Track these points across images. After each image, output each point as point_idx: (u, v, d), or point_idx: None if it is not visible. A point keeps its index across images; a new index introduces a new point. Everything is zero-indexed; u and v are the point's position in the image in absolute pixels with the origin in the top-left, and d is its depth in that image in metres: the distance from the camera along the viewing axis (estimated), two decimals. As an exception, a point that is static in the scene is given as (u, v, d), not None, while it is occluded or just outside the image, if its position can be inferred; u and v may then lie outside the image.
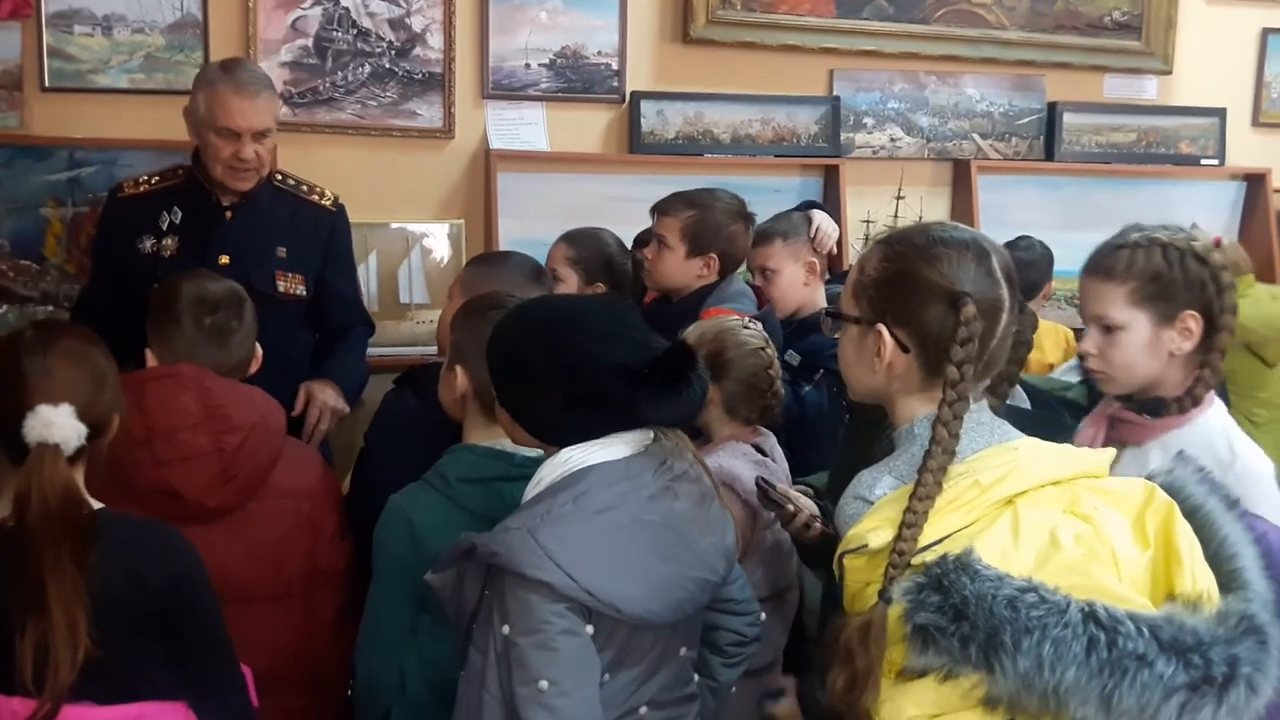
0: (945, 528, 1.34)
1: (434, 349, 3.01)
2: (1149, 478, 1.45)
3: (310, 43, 3.72)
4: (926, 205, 4.40)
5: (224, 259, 3.03)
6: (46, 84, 3.51)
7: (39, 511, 1.66)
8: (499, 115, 3.93)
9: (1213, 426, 1.94)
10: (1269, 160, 4.85)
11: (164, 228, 3.03)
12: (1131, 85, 4.70)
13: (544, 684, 1.63)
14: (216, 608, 1.86)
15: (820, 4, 4.20)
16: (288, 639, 2.23)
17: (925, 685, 1.27)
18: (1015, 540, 1.30)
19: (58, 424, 1.69)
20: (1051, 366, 3.77)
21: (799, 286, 3.21)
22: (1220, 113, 4.79)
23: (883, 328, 1.48)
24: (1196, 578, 1.30)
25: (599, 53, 4.03)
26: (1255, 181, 4.83)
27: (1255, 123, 4.94)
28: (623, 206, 3.89)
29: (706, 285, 3.03)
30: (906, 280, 1.47)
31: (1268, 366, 3.80)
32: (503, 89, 3.93)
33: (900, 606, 1.29)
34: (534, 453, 2.11)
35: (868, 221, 4.29)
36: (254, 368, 2.41)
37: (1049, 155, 4.57)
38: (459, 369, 2.12)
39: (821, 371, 2.92)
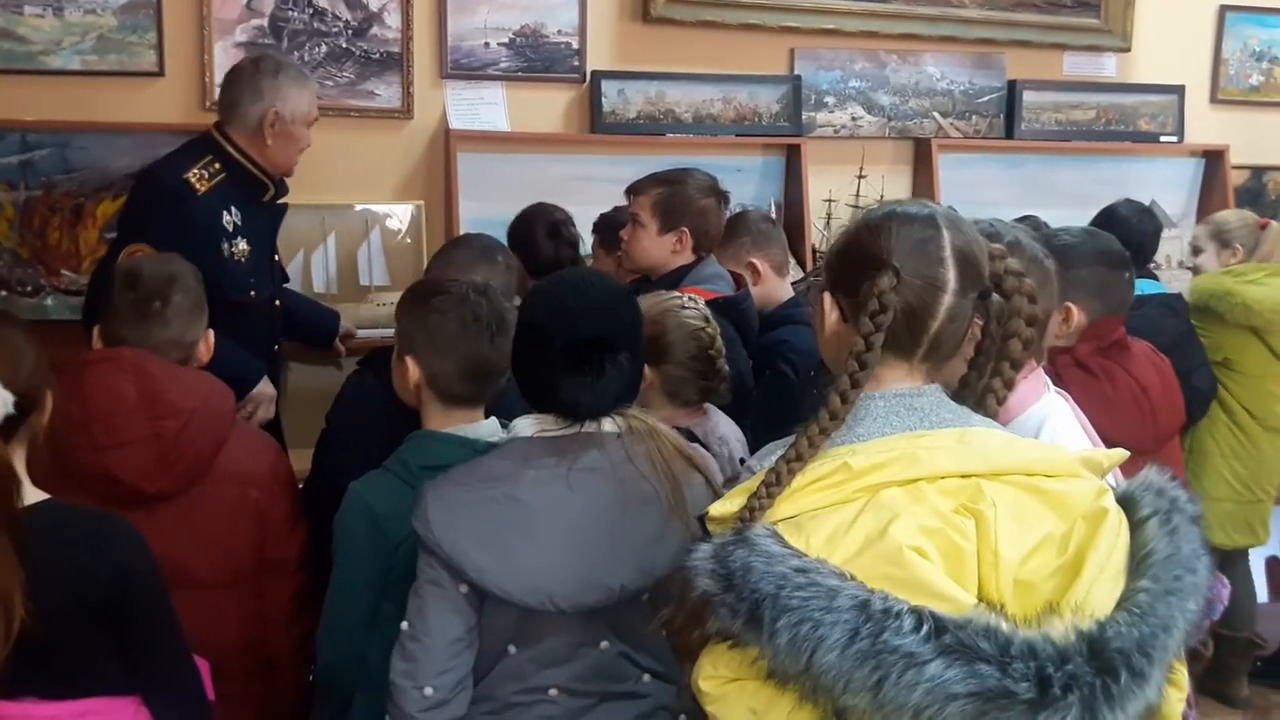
0: (802, 505, 1.31)
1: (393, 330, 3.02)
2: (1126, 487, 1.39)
3: (266, 23, 3.68)
4: (888, 184, 4.41)
5: (277, 257, 3.18)
6: (-4, 66, 3.46)
7: None
8: (458, 95, 3.90)
9: (1021, 431, 1.82)
10: (1227, 137, 4.89)
11: (230, 229, 3.00)
12: (1091, 63, 4.72)
13: (405, 625, 1.81)
14: (165, 598, 1.83)
15: (781, -18, 4.19)
16: (238, 626, 2.21)
17: (721, 649, 1.27)
18: (850, 525, 1.26)
19: None
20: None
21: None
22: (1179, 90, 4.83)
23: (827, 295, 1.48)
24: (1090, 594, 1.22)
25: (559, 32, 4.00)
26: (1214, 158, 4.87)
27: (1213, 99, 4.98)
28: (584, 186, 3.89)
29: (684, 266, 3.02)
30: (851, 250, 1.46)
31: (1275, 358, 3.62)
32: (462, 69, 3.91)
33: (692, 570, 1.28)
34: (496, 438, 2.11)
35: (829, 200, 4.30)
36: (204, 354, 2.37)
37: (1009, 133, 4.59)
38: (409, 359, 2.10)
39: (768, 373, 2.93)
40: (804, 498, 1.31)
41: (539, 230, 3.37)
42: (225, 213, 2.98)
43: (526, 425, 1.86)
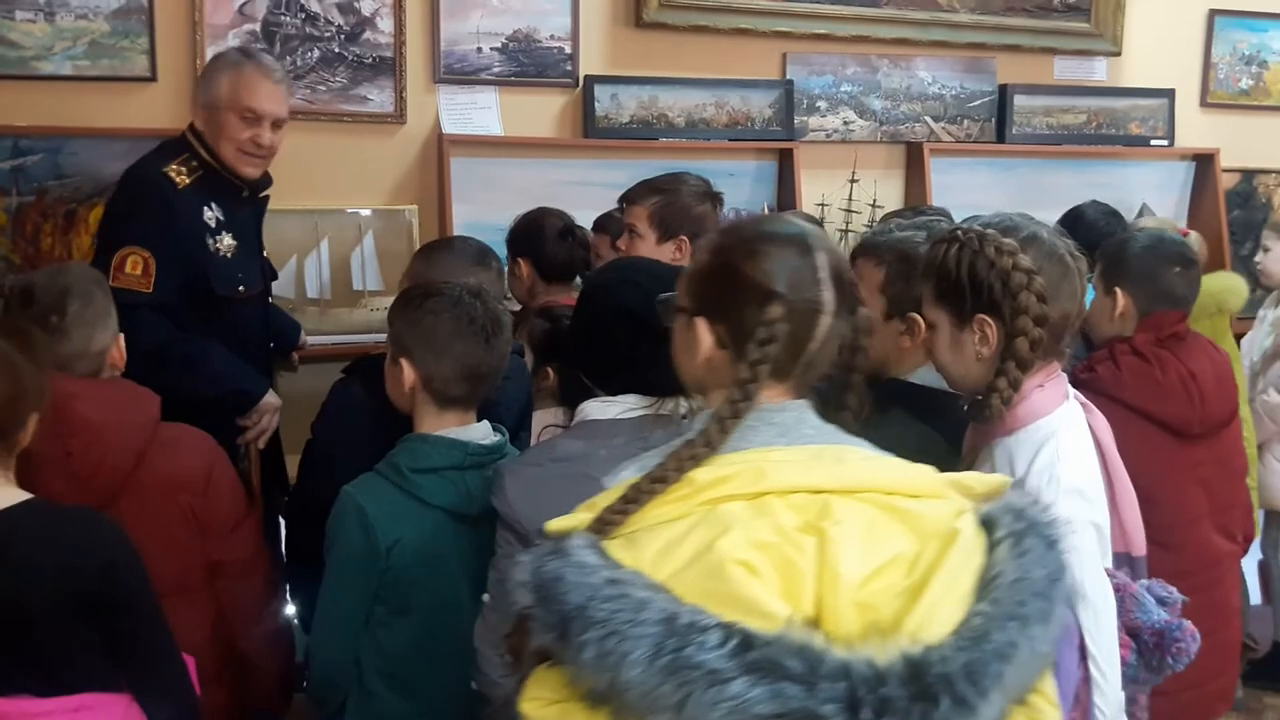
0: (645, 519, 1.25)
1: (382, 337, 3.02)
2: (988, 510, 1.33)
3: (258, 27, 3.68)
4: (880, 188, 4.42)
5: (265, 253, 3.15)
6: (-12, 71, 3.45)
7: None
8: (451, 100, 3.90)
9: (1025, 441, 1.81)
10: (1217, 140, 4.91)
11: (213, 225, 2.97)
12: (1081, 67, 4.74)
13: (485, 597, 1.94)
14: (152, 594, 1.84)
15: (772, -13, 4.20)
16: (198, 633, 2.17)
17: (543, 670, 1.21)
18: (683, 539, 1.21)
19: None
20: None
21: None
22: (1169, 94, 4.84)
23: (700, 321, 1.42)
24: (931, 616, 1.16)
25: (551, 36, 4.01)
26: (1204, 161, 4.89)
27: (1203, 103, 5.00)
28: (577, 191, 3.90)
29: None
30: (726, 275, 1.40)
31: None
32: (454, 73, 3.91)
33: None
34: (487, 441, 2.12)
35: (822, 205, 4.31)
36: (118, 359, 2.29)
37: (1000, 137, 4.61)
38: (403, 362, 2.10)
39: None
40: (646, 511, 1.27)
41: (549, 233, 3.34)
42: (206, 208, 2.96)
43: (596, 409, 1.92)
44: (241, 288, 3.03)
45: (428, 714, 2.06)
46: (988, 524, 1.28)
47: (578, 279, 3.16)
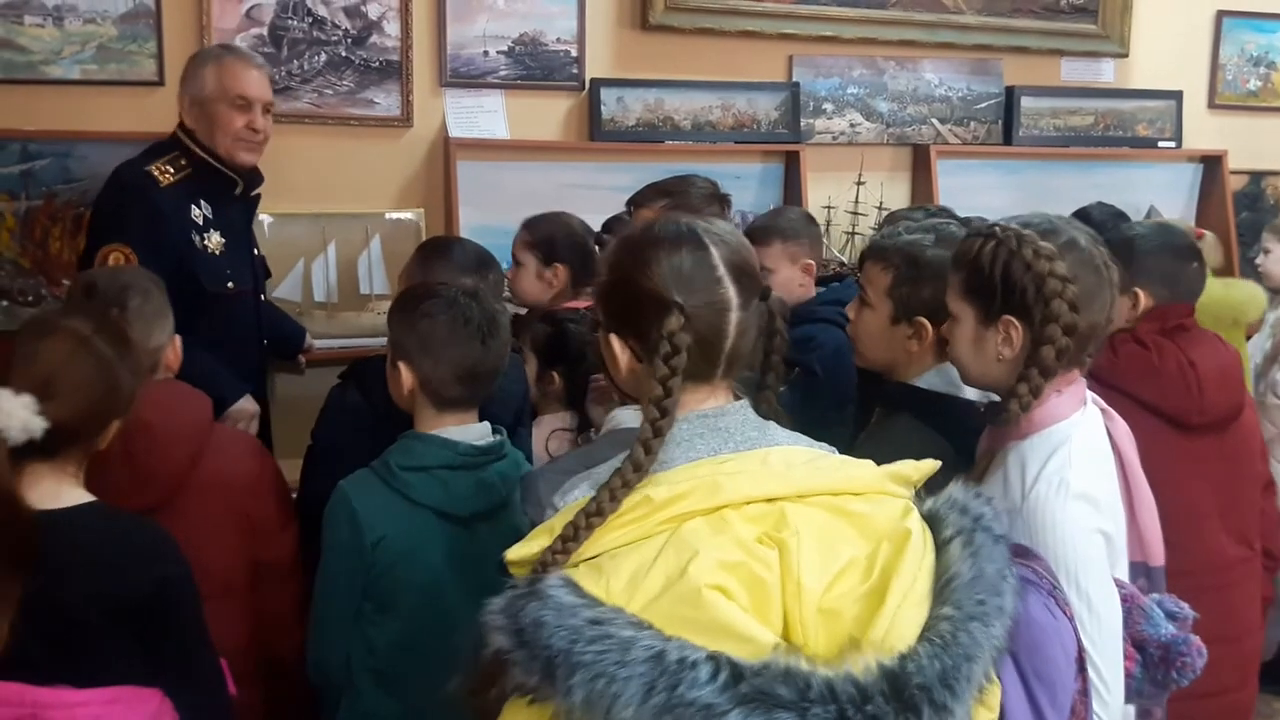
0: (604, 544, 1.25)
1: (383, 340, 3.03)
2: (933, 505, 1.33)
3: (265, 31, 3.69)
4: (887, 190, 4.42)
5: (256, 250, 3.13)
6: (-3, 76, 3.47)
7: None
8: (458, 103, 3.91)
9: (1039, 446, 1.78)
10: (1225, 142, 4.90)
11: (200, 223, 2.99)
12: (1088, 68, 4.74)
13: None
14: (198, 606, 1.86)
15: (778, -10, 4.21)
16: (239, 633, 2.21)
17: (520, 705, 1.19)
18: (651, 566, 1.20)
19: (4, 409, 1.66)
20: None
21: (794, 287, 3.14)
22: (1177, 95, 4.84)
23: (613, 338, 1.42)
24: (895, 622, 1.18)
25: (558, 40, 4.01)
26: (1212, 163, 4.88)
27: (1211, 104, 5.00)
28: (584, 194, 3.90)
29: None
30: (624, 287, 1.40)
31: None
32: (461, 77, 3.92)
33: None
34: (482, 441, 2.12)
35: (829, 207, 4.31)
36: (173, 360, 2.33)
37: (1007, 139, 4.60)
38: (402, 366, 2.11)
39: (797, 370, 2.90)
40: (606, 535, 1.26)
41: (590, 244, 3.31)
42: (194, 206, 2.98)
43: (629, 416, 1.91)
44: (230, 284, 3.05)
45: (415, 713, 2.06)
46: (932, 520, 1.29)
47: None
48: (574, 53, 4.03)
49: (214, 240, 2.98)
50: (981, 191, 4.53)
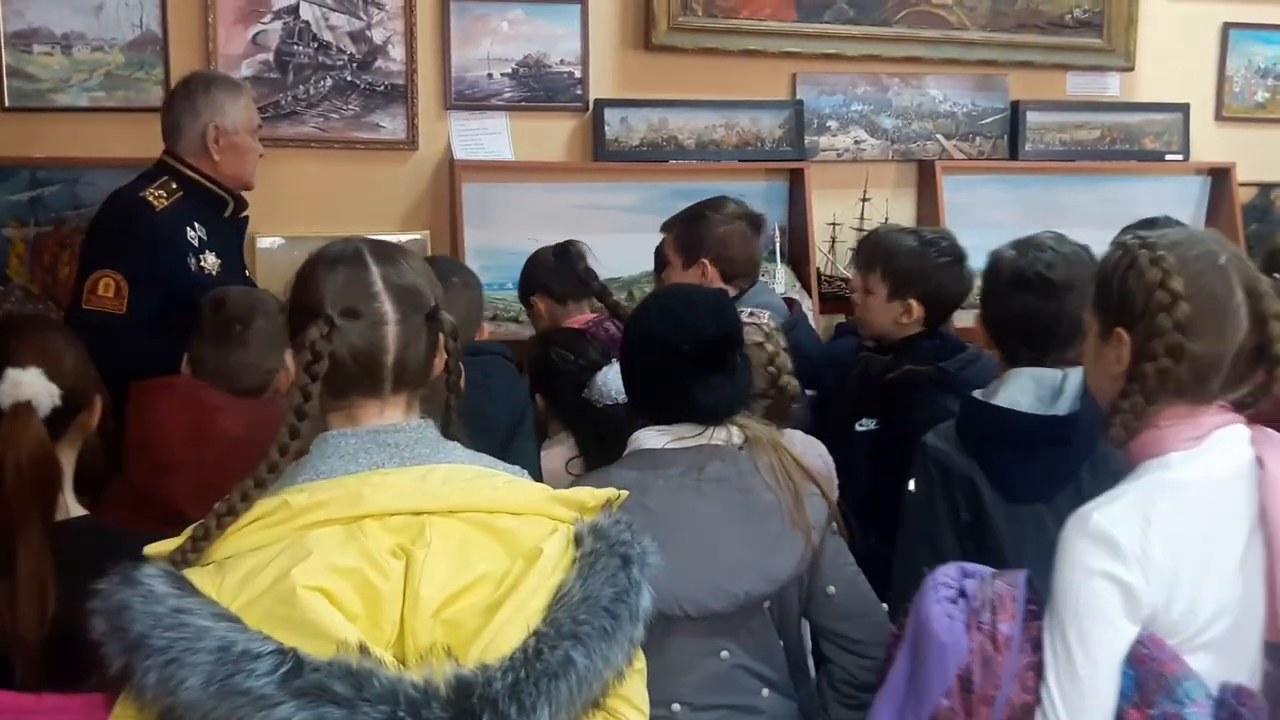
0: (240, 545, 1.30)
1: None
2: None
3: (271, 57, 3.73)
4: (892, 207, 4.42)
5: (247, 271, 3.19)
6: (6, 104, 3.52)
7: (13, 470, 1.68)
8: (462, 126, 3.94)
9: (1128, 490, 1.63)
10: (1232, 154, 4.87)
11: (196, 244, 3.01)
12: (1094, 82, 4.72)
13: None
14: None
15: (781, 8, 4.21)
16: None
17: (123, 700, 1.23)
18: (265, 567, 1.26)
19: (25, 382, 1.74)
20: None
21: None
22: (1183, 108, 4.82)
23: (288, 353, 1.50)
24: (500, 635, 1.23)
25: (561, 61, 4.04)
26: (1220, 176, 4.85)
27: (1218, 117, 4.97)
28: (589, 215, 3.93)
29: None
30: (293, 305, 1.47)
31: None
32: (466, 99, 3.94)
33: None
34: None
35: (834, 224, 4.31)
36: (284, 384, 2.38)
37: (1013, 154, 4.59)
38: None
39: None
40: (243, 538, 1.31)
41: (544, 261, 3.28)
42: (189, 228, 2.99)
43: (649, 437, 1.94)
44: None
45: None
46: (578, 542, 1.34)
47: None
48: (578, 74, 4.05)
49: (210, 261, 3.00)
50: (987, 207, 4.52)
